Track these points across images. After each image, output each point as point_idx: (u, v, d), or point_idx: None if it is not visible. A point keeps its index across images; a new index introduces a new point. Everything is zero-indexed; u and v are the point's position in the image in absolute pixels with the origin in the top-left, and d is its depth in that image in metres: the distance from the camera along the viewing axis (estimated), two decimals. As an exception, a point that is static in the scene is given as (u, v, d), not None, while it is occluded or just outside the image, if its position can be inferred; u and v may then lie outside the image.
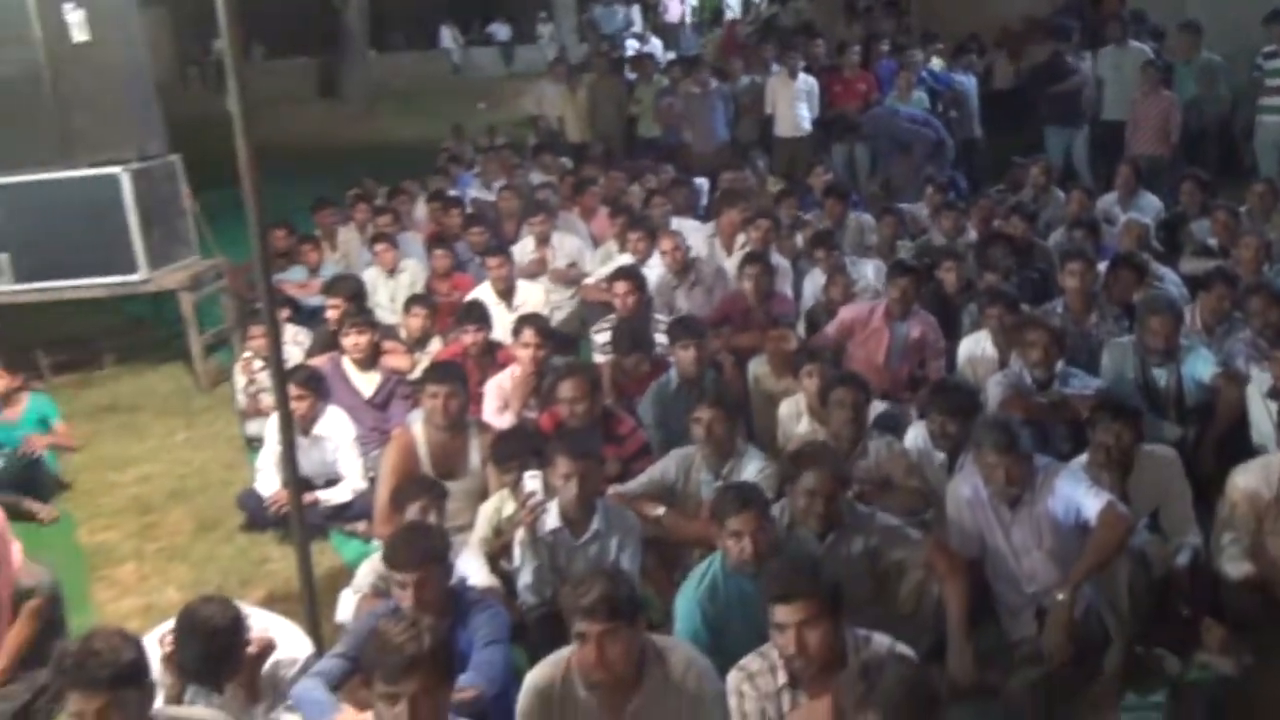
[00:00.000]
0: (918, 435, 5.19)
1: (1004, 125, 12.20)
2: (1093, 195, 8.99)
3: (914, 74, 11.76)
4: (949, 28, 13.71)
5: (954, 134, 11.47)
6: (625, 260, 7.93)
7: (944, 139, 11.22)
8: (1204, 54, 10.78)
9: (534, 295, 7.81)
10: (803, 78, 11.99)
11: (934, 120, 11.37)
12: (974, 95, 12.11)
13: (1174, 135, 10.21)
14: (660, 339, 6.57)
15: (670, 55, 19.34)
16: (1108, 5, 12.92)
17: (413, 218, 10.39)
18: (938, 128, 11.26)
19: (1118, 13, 12.15)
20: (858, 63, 12.54)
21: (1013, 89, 12.62)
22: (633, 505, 4.83)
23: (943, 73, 12.28)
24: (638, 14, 28.15)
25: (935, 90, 11.87)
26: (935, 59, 12.59)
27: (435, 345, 7.16)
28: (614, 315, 7.02)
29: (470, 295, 7.60)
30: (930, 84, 11.93)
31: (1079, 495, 4.23)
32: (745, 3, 26.66)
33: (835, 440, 5.01)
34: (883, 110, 11.65)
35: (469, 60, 30.04)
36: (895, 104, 11.59)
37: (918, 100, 11.59)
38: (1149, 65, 10.44)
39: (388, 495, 5.10)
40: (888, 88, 12.09)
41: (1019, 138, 11.70)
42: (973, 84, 12.20)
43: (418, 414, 5.76)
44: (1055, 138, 11.28)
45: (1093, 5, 13.44)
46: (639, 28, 26.88)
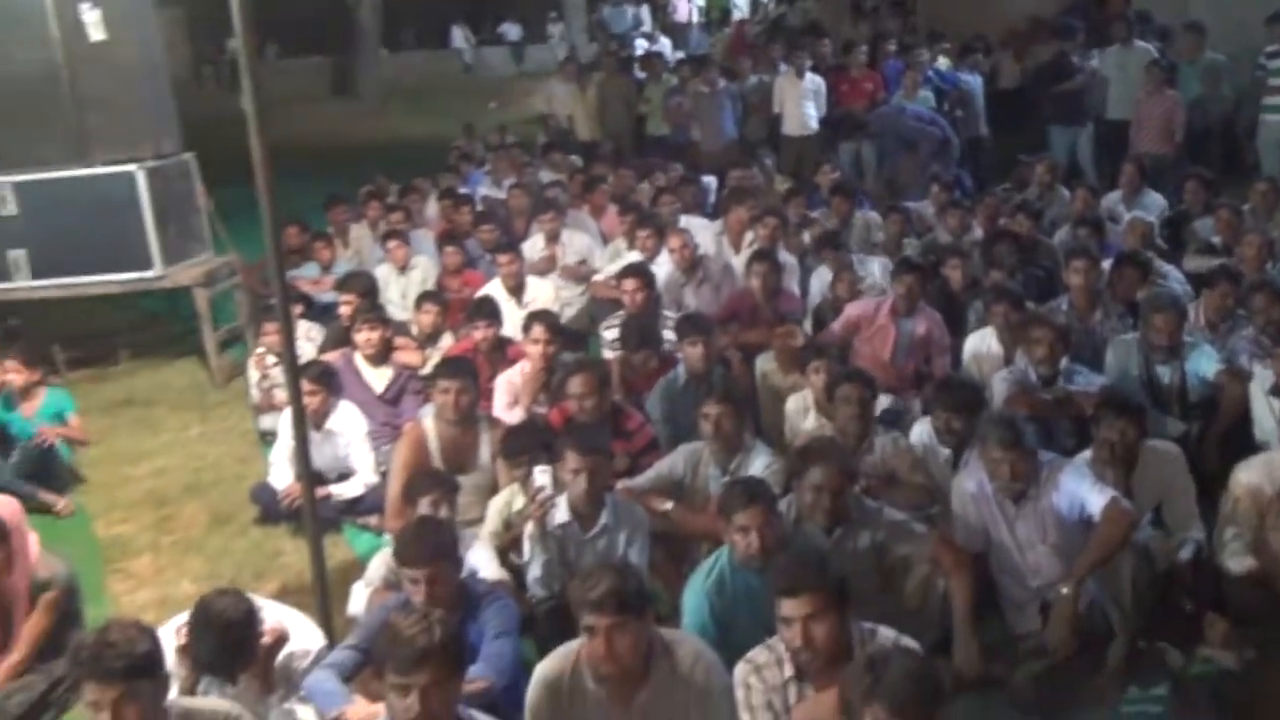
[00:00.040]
0: (923, 431, 5.19)
1: (1009, 124, 12.19)
2: (1097, 193, 8.97)
3: (920, 73, 11.76)
4: (955, 28, 13.69)
5: (960, 133, 11.48)
6: (634, 257, 7.95)
7: (950, 137, 11.23)
8: (1208, 54, 10.77)
9: (544, 292, 7.83)
10: (810, 77, 12.01)
11: (940, 119, 11.36)
12: (980, 94, 12.11)
13: (1178, 134, 10.20)
14: (668, 335, 6.60)
15: (679, 55, 19.33)
16: (1112, 5, 12.92)
17: (424, 215, 10.42)
18: (944, 126, 11.26)
19: (1122, 13, 12.13)
20: (864, 62, 12.56)
21: (1018, 88, 12.59)
22: (641, 500, 4.83)
23: (949, 72, 12.28)
24: (647, 14, 28.14)
25: (941, 89, 11.87)
26: (941, 58, 12.59)
27: (446, 341, 7.18)
28: (623, 312, 7.03)
29: (481, 292, 7.59)
30: (936, 83, 11.93)
31: (1083, 490, 4.24)
32: (753, 3, 26.63)
33: (842, 436, 5.02)
34: (890, 108, 11.66)
35: (480, 59, 30.00)
36: (902, 102, 11.59)
37: (924, 99, 11.59)
38: (1153, 65, 10.43)
39: (399, 489, 5.09)
40: (894, 87, 12.10)
41: (1024, 136, 11.70)
42: (978, 83, 12.20)
43: (429, 409, 5.76)
44: (1060, 136, 11.30)
45: (1097, 5, 13.44)
46: (648, 27, 26.87)
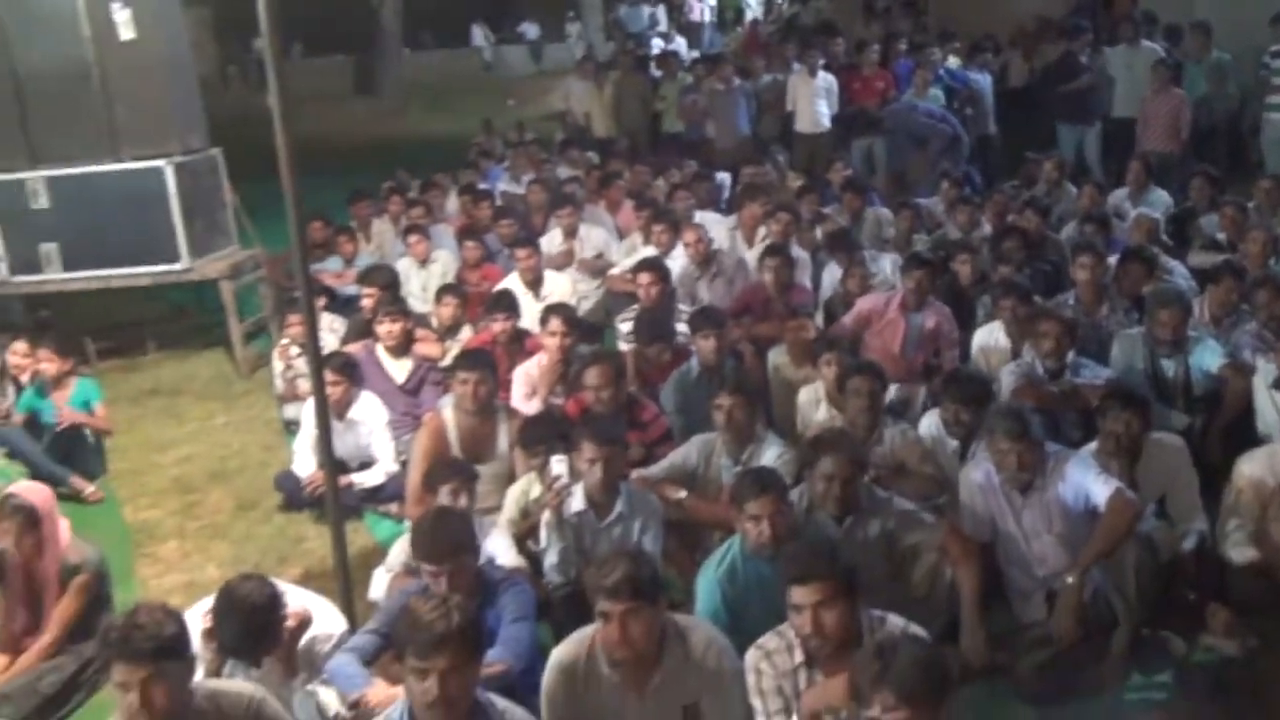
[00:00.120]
0: (931, 423, 5.24)
1: (1018, 122, 12.19)
2: (1104, 190, 9.01)
3: (931, 72, 11.78)
4: (965, 27, 13.67)
5: (969, 130, 11.48)
6: (649, 252, 8.02)
7: (960, 135, 11.24)
8: (1214, 53, 10.80)
9: (561, 285, 7.85)
10: (822, 75, 12.04)
11: (950, 117, 11.38)
12: (989, 93, 12.12)
13: (1184, 132, 10.24)
14: (682, 328, 6.64)
15: (694, 53, 19.38)
16: (1119, 6, 12.94)
17: (444, 210, 10.48)
18: (954, 124, 11.28)
19: (1129, 13, 12.17)
20: (876, 61, 12.56)
21: (1027, 87, 12.57)
22: (655, 489, 4.88)
23: (959, 71, 12.27)
24: (663, 13, 28.22)
25: (951, 88, 11.88)
26: (952, 58, 12.58)
27: (465, 333, 7.25)
28: (638, 305, 7.08)
29: (499, 285, 7.65)
30: (947, 82, 11.93)
31: (1088, 482, 4.27)
32: (767, 2, 26.59)
33: (852, 427, 5.07)
34: (901, 105, 11.68)
35: (499, 58, 30.09)
36: (913, 100, 11.61)
37: (934, 97, 11.60)
38: (1159, 64, 10.47)
39: (419, 478, 5.16)
40: (905, 86, 12.10)
41: (1033, 134, 11.71)
42: (988, 82, 12.20)
43: (448, 399, 5.82)
44: (1068, 134, 11.33)
45: (1105, 6, 13.45)
46: (664, 27, 26.97)
